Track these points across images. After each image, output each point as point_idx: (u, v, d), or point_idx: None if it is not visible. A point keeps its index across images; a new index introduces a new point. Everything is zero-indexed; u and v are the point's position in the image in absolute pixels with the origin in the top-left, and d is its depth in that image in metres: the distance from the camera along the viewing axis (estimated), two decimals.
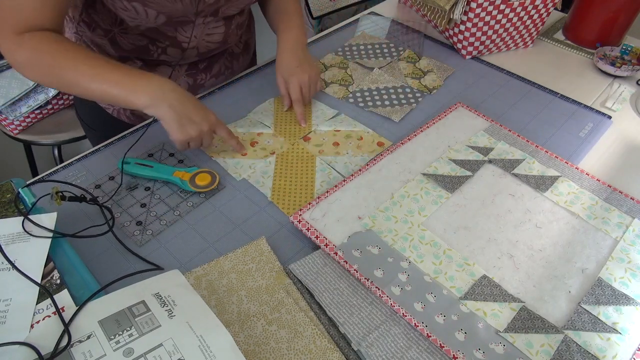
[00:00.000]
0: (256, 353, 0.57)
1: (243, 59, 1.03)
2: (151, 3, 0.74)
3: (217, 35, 0.88)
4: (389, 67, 1.05)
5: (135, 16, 0.76)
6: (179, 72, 0.91)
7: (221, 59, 0.96)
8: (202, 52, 0.89)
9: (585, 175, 0.80)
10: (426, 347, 0.58)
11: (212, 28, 0.86)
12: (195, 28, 0.84)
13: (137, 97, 0.69)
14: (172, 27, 0.82)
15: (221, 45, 0.91)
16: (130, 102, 0.70)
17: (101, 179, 0.78)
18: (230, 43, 0.93)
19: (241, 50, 1.01)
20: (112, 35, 0.82)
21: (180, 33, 0.83)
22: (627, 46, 1.09)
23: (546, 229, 0.72)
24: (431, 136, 0.86)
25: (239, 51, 1.00)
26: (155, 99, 0.70)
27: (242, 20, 0.93)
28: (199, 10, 0.80)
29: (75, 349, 0.51)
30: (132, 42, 0.83)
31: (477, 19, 1.01)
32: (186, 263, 0.67)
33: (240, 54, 1.01)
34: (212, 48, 0.90)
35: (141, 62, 0.88)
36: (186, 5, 0.77)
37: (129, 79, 0.70)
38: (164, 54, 0.86)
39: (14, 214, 0.67)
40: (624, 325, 0.61)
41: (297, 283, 0.64)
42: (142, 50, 0.85)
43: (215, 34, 0.88)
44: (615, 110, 0.97)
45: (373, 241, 0.68)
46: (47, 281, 0.60)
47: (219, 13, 0.84)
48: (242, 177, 0.80)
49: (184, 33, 0.84)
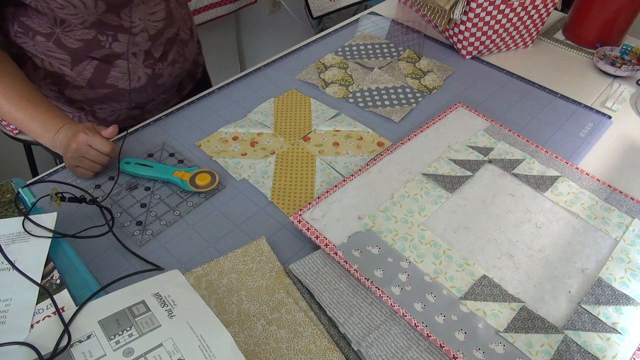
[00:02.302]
0: (256, 353, 0.57)
1: (192, 45, 1.03)
2: None
3: (160, 13, 0.88)
4: (389, 67, 1.05)
5: (74, 12, 0.75)
6: (136, 65, 0.90)
7: (174, 46, 0.96)
8: (152, 34, 0.88)
9: (585, 175, 0.80)
10: (426, 347, 0.58)
11: (152, 6, 0.86)
12: (136, 9, 0.83)
13: (43, 140, 0.78)
14: (114, 13, 0.80)
15: (168, 24, 0.90)
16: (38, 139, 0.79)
17: (101, 179, 0.78)
18: (176, 20, 0.93)
19: (189, 36, 1.01)
20: (56, 37, 0.80)
21: (123, 20, 0.82)
22: (627, 46, 1.09)
23: (546, 229, 0.72)
24: (431, 136, 0.86)
25: (187, 37, 1.00)
26: (52, 146, 0.78)
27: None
28: None
29: (75, 349, 0.51)
30: (80, 38, 0.81)
31: (477, 19, 1.01)
32: (186, 263, 0.67)
33: (189, 40, 1.01)
34: (160, 28, 0.89)
35: (97, 60, 0.86)
36: None
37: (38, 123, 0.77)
38: (116, 41, 0.84)
39: (13, 214, 0.67)
40: (624, 325, 0.61)
41: (297, 283, 0.64)
42: (92, 44, 0.82)
43: (158, 12, 0.87)
44: (615, 110, 0.97)
45: (373, 241, 0.68)
46: (47, 281, 0.60)
47: None
48: (242, 177, 0.80)
49: (127, 18, 0.82)
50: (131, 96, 0.94)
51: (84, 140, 0.74)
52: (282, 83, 1.01)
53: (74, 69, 0.85)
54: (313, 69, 1.04)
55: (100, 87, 0.89)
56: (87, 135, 0.74)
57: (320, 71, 1.04)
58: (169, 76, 0.97)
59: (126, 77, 0.90)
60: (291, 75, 1.03)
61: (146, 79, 0.93)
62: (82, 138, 0.74)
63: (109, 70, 0.87)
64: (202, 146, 0.85)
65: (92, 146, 0.75)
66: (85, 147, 0.74)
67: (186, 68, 1.02)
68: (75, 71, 0.85)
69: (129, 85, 0.91)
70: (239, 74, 1.04)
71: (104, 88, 0.89)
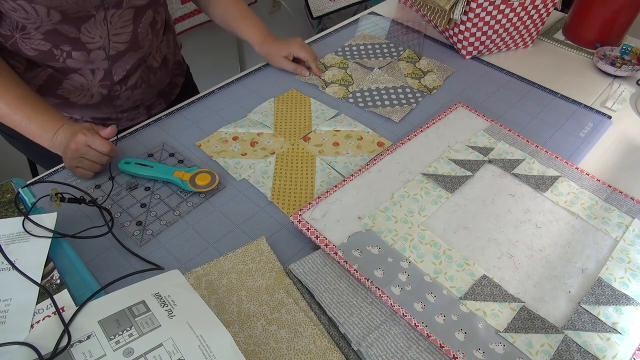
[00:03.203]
0: (256, 353, 0.57)
1: (161, 74, 0.99)
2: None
3: (124, 35, 0.84)
4: (389, 67, 1.05)
5: (26, 16, 0.73)
6: (91, 83, 0.87)
7: (137, 71, 0.93)
8: (112, 54, 0.85)
9: (585, 175, 0.80)
10: (426, 347, 0.58)
11: (119, 28, 0.83)
12: (99, 25, 0.80)
13: (41, 142, 0.78)
14: (74, 26, 0.78)
15: (131, 48, 0.87)
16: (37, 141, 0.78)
17: (101, 179, 0.78)
18: (142, 46, 0.89)
19: (159, 65, 0.98)
20: (14, 41, 0.78)
21: (83, 34, 0.79)
22: (627, 46, 1.09)
23: (546, 229, 0.72)
24: (431, 136, 0.86)
25: (157, 65, 0.97)
26: (51, 147, 0.78)
27: (154, 20, 0.90)
28: (92, 2, 0.75)
29: (75, 349, 0.51)
30: (35, 47, 0.79)
31: (477, 19, 1.01)
32: (186, 263, 0.67)
33: (158, 68, 0.98)
34: (121, 50, 0.86)
35: (51, 69, 0.84)
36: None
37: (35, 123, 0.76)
38: (70, 58, 0.82)
39: (13, 214, 0.67)
40: (624, 325, 0.61)
41: (297, 283, 0.64)
42: (46, 56, 0.80)
43: (123, 34, 0.84)
44: (615, 110, 0.97)
45: (373, 241, 0.68)
46: (47, 281, 0.60)
47: (122, 4, 0.80)
48: (242, 177, 0.80)
49: (88, 33, 0.79)
50: (83, 111, 0.92)
51: (83, 141, 0.74)
52: (282, 83, 1.01)
53: (26, 73, 0.84)
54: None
55: (50, 96, 0.87)
56: (85, 136, 0.74)
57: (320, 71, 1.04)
58: (127, 99, 0.95)
59: (78, 92, 0.88)
60: (291, 75, 1.03)
61: (100, 98, 0.91)
62: (81, 139, 0.74)
63: (62, 82, 0.86)
64: (202, 146, 0.85)
65: (91, 147, 0.75)
66: (84, 148, 0.74)
67: (151, 93, 1.00)
68: (27, 75, 0.84)
69: (79, 100, 0.89)
70: (239, 74, 1.04)
71: (53, 98, 0.88)
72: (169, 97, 1.07)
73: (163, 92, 1.05)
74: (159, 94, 1.04)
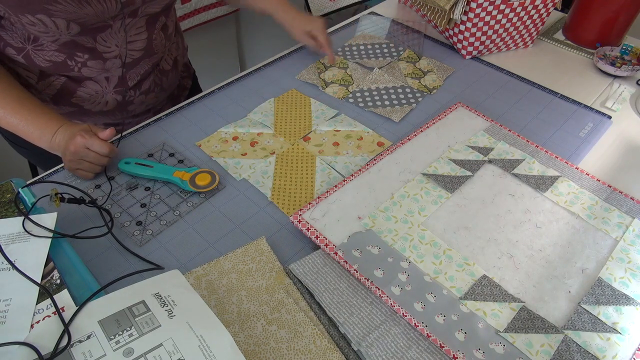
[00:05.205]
0: (256, 353, 0.57)
1: (172, 76, 1.00)
2: (57, 12, 0.70)
3: (139, 43, 0.85)
4: (389, 67, 1.05)
5: (45, 30, 0.73)
6: (106, 89, 0.88)
7: (151, 75, 0.93)
8: (127, 62, 0.85)
9: (585, 175, 0.80)
10: (426, 347, 0.58)
11: (133, 35, 0.83)
12: (115, 34, 0.80)
13: (40, 143, 0.78)
14: (90, 36, 0.78)
15: (146, 54, 0.88)
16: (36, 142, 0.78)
17: (101, 180, 0.78)
18: (157, 52, 0.90)
19: (170, 67, 0.98)
20: (26, 53, 0.78)
21: (100, 43, 0.80)
22: (627, 46, 1.09)
23: (546, 229, 0.72)
24: (431, 136, 0.86)
25: (169, 68, 0.98)
26: (50, 148, 0.78)
27: (165, 25, 0.90)
28: (110, 13, 0.76)
29: (75, 349, 0.51)
30: (48, 59, 0.79)
31: (477, 19, 1.01)
32: (186, 263, 0.67)
33: (170, 70, 0.98)
34: (136, 57, 0.86)
35: (65, 77, 0.84)
36: (96, 7, 0.73)
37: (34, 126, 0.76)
38: (85, 67, 0.82)
39: (13, 214, 0.67)
40: (624, 325, 0.61)
41: (297, 283, 0.64)
42: (60, 67, 0.81)
43: (138, 42, 0.85)
44: (615, 110, 0.97)
45: (373, 241, 0.68)
46: (47, 281, 0.60)
47: (138, 13, 0.81)
48: (242, 177, 0.80)
49: (104, 42, 0.80)
50: (97, 117, 0.92)
51: (82, 143, 0.73)
52: (282, 83, 1.01)
53: (39, 82, 0.84)
54: (313, 69, 1.04)
55: (64, 104, 0.87)
56: (84, 138, 0.73)
57: (320, 71, 1.04)
58: (141, 104, 0.95)
59: (92, 99, 0.88)
60: (291, 75, 1.03)
61: (114, 104, 0.91)
62: (80, 141, 0.73)
63: (76, 90, 0.86)
64: (202, 146, 0.85)
65: (90, 148, 0.74)
66: (83, 150, 0.74)
67: (163, 97, 1.00)
68: (41, 84, 0.84)
69: (94, 107, 0.89)
70: (239, 74, 1.04)
71: (68, 106, 0.88)
72: (177, 100, 1.08)
73: (172, 95, 1.05)
74: (168, 97, 1.04)
